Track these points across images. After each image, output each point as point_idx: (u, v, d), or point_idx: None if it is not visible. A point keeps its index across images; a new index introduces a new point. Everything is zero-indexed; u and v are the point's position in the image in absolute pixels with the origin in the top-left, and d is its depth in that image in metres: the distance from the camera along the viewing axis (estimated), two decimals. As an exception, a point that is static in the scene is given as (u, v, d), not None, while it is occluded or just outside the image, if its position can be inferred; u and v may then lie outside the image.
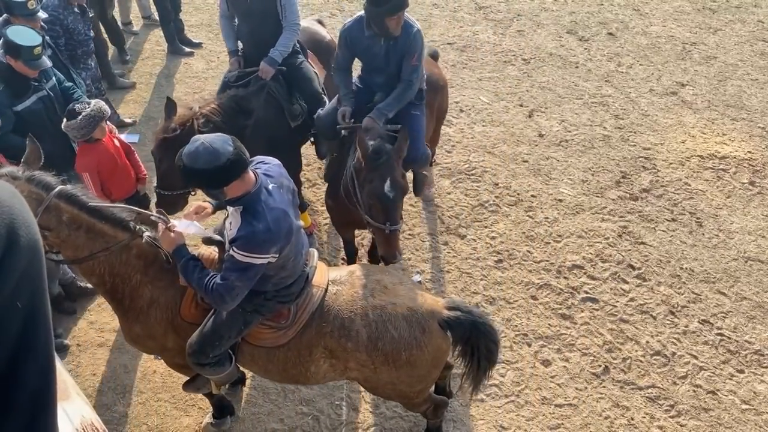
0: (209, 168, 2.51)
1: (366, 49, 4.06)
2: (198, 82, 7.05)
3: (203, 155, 2.51)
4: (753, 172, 5.93)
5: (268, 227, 2.62)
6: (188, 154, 2.54)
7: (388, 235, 3.52)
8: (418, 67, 4.00)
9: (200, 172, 2.52)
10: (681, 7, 8.62)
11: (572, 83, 7.08)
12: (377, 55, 4.04)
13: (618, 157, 6.05)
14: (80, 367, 4.22)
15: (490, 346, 3.12)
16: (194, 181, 2.70)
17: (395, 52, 4.00)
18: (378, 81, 4.20)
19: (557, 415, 3.99)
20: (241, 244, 2.64)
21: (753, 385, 4.19)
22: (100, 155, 4.07)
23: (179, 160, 2.58)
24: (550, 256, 5.04)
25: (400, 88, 4.01)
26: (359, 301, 3.04)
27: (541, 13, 8.41)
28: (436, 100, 4.72)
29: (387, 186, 3.40)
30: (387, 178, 3.41)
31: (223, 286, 2.71)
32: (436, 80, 4.74)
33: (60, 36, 5.09)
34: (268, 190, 2.70)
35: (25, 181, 2.74)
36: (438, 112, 4.87)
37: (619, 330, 4.50)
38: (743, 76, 7.27)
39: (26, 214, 0.86)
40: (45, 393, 0.90)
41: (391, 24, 3.85)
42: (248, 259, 2.65)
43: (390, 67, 4.07)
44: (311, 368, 3.11)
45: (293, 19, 4.57)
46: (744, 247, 5.17)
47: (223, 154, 2.51)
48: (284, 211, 2.72)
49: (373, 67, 4.17)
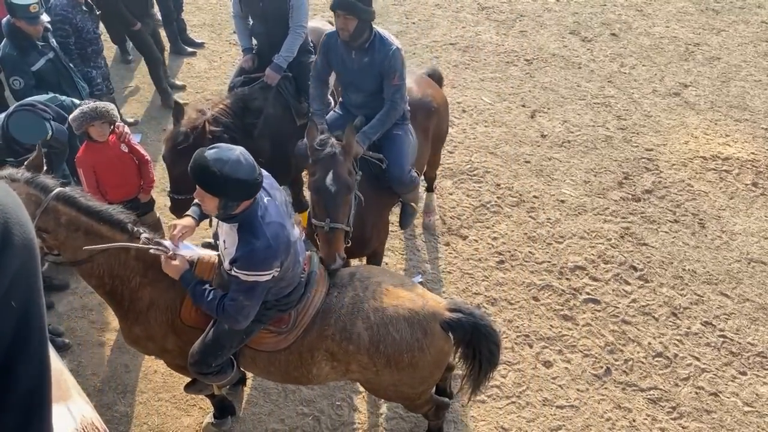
0: (249, 180, 2.52)
1: (341, 61, 3.94)
2: (200, 82, 7.05)
3: (245, 167, 2.52)
4: (756, 173, 5.91)
5: (269, 243, 2.61)
6: (229, 163, 2.48)
7: (327, 233, 3.26)
8: (401, 87, 3.85)
9: (240, 182, 2.50)
10: (684, 7, 8.59)
11: (575, 84, 7.07)
12: (350, 69, 3.92)
13: (620, 158, 6.03)
14: (81, 367, 4.22)
15: (492, 348, 3.12)
16: (227, 189, 2.53)
17: (370, 70, 3.85)
18: (356, 100, 4.07)
19: (558, 417, 3.98)
20: (243, 264, 2.63)
21: (755, 387, 4.17)
22: (98, 156, 4.10)
23: (211, 165, 2.47)
24: (552, 257, 5.03)
25: (383, 110, 3.87)
26: (360, 304, 3.03)
27: (544, 14, 8.40)
28: (430, 123, 4.42)
29: (329, 179, 3.22)
30: (330, 170, 3.23)
31: (233, 307, 2.73)
32: (428, 102, 4.39)
33: (70, 35, 5.10)
34: (264, 205, 2.69)
35: (24, 183, 2.75)
36: (435, 137, 4.55)
37: (620, 331, 4.49)
38: (747, 77, 7.25)
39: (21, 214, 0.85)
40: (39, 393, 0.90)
41: (338, 22, 3.73)
42: (253, 278, 2.65)
43: (365, 85, 3.94)
44: (313, 370, 3.11)
45: (299, 21, 4.53)
46: (747, 249, 5.15)
47: (255, 169, 2.56)
48: (281, 225, 2.71)
49: (347, 82, 4.04)
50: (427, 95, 4.45)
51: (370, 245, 3.93)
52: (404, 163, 3.94)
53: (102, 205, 2.96)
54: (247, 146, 4.25)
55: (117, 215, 2.95)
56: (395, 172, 3.91)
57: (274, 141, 4.46)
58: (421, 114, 4.32)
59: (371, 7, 3.72)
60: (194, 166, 2.55)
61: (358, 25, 3.69)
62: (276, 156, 4.44)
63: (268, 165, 4.47)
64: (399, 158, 3.93)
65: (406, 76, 4.01)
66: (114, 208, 3.00)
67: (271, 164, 4.47)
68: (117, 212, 2.97)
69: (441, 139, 4.80)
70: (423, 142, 4.33)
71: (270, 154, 4.45)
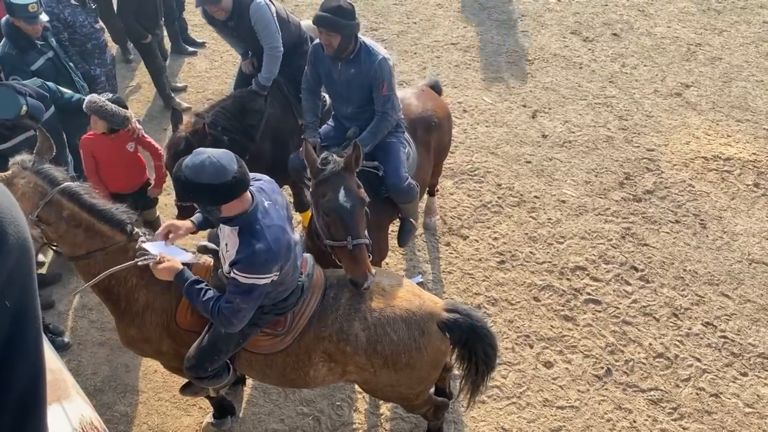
0: (214, 183, 2.44)
1: (327, 72, 3.89)
2: (201, 81, 7.06)
3: (209, 169, 2.44)
4: (758, 173, 5.90)
5: (269, 246, 2.58)
6: (192, 167, 2.45)
7: (351, 251, 3.10)
8: (390, 97, 3.79)
9: (203, 186, 2.45)
10: (686, 7, 8.58)
11: (576, 84, 7.06)
12: (337, 81, 3.87)
13: (621, 159, 6.02)
14: (81, 366, 4.22)
15: (488, 351, 3.10)
16: (193, 195, 2.54)
17: (357, 81, 3.79)
18: (346, 111, 4.01)
19: (559, 417, 3.97)
20: (242, 266, 2.60)
21: (757, 388, 4.16)
22: (99, 145, 4.21)
23: (179, 171, 2.48)
24: (552, 257, 5.02)
25: (374, 121, 3.83)
26: (358, 304, 3.02)
27: (546, 14, 8.39)
28: (431, 137, 4.35)
29: (341, 196, 3.09)
30: (340, 187, 3.10)
31: (228, 309, 2.69)
32: (428, 117, 4.32)
33: (61, 31, 5.02)
34: (264, 208, 2.66)
35: (33, 173, 2.77)
36: (436, 150, 4.47)
37: (621, 332, 4.48)
38: (748, 78, 7.23)
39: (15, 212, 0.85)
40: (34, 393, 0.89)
41: (322, 38, 3.69)
42: (251, 281, 2.62)
43: (354, 96, 3.88)
44: (310, 372, 3.09)
45: (270, 42, 4.45)
46: (748, 249, 5.14)
47: (230, 171, 2.46)
48: (282, 228, 2.69)
49: (335, 93, 4.00)
50: (427, 109, 4.37)
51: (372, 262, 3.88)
52: (401, 170, 3.88)
53: (105, 203, 2.96)
54: (249, 148, 4.26)
55: (118, 215, 2.95)
56: (392, 180, 3.86)
57: (276, 141, 4.44)
58: (422, 129, 4.27)
59: (354, 20, 3.66)
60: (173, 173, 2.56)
61: (341, 40, 3.64)
62: (278, 156, 4.42)
63: (270, 165, 4.48)
64: (395, 166, 3.87)
65: (408, 88, 3.95)
66: (116, 207, 3.00)
67: (274, 164, 4.47)
68: (119, 212, 2.97)
69: (443, 152, 4.73)
70: (425, 156, 4.28)
71: (271, 154, 4.44)
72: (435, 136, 4.40)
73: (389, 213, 4.09)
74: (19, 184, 2.75)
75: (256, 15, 4.37)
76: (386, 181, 3.87)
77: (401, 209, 4.12)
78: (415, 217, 4.30)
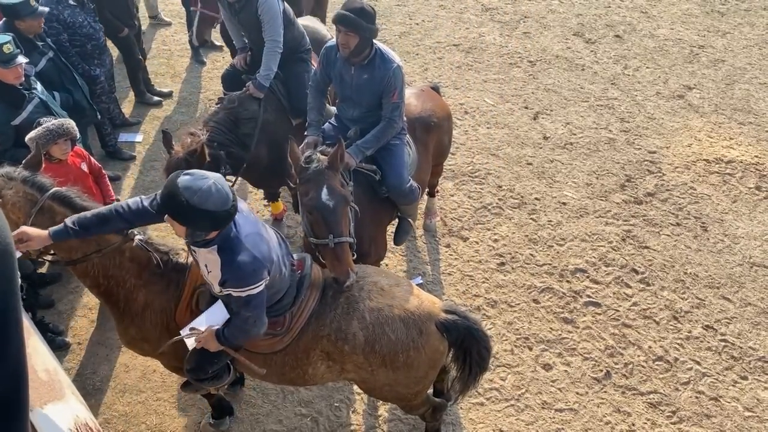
0: (218, 211, 2.41)
1: (339, 75, 3.87)
2: (203, 81, 7.06)
3: (215, 196, 2.40)
4: (760, 176, 5.88)
5: (252, 256, 2.58)
6: (200, 194, 2.37)
7: (333, 249, 3.12)
8: (399, 105, 3.78)
9: (207, 213, 2.40)
10: (689, 9, 8.55)
11: (578, 86, 7.04)
12: (349, 85, 3.84)
13: (623, 161, 6.01)
14: (80, 366, 4.23)
15: (482, 353, 3.15)
16: (192, 220, 2.44)
17: (369, 86, 3.76)
18: (352, 114, 3.99)
19: (557, 420, 3.96)
20: (233, 283, 2.61)
21: (756, 392, 4.15)
22: (57, 176, 3.95)
23: (180, 194, 2.38)
24: (552, 259, 5.01)
25: (380, 126, 3.81)
26: (356, 304, 3.03)
27: (548, 15, 8.37)
28: (430, 138, 4.36)
29: (324, 194, 3.11)
30: (323, 186, 3.13)
31: (240, 320, 2.76)
32: (427, 118, 4.31)
33: (61, 32, 5.00)
34: (234, 222, 2.62)
35: (20, 182, 2.76)
36: (435, 151, 4.48)
37: (621, 335, 4.46)
38: (751, 80, 7.21)
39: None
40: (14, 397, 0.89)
41: (339, 37, 3.65)
42: (247, 292, 2.64)
43: (363, 100, 3.87)
44: (309, 371, 3.11)
45: (272, 35, 4.40)
46: (749, 253, 5.12)
47: (229, 199, 2.44)
48: (258, 234, 2.69)
49: (344, 96, 3.97)
50: (426, 110, 4.36)
51: (368, 261, 3.87)
52: (403, 172, 3.89)
53: (97, 205, 2.95)
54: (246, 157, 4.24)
55: None
56: (394, 182, 3.86)
57: (272, 145, 4.40)
58: (420, 129, 4.27)
59: (374, 24, 3.63)
60: (164, 190, 2.45)
61: (359, 42, 3.61)
62: (274, 159, 4.41)
63: (268, 170, 4.47)
64: (397, 168, 3.88)
65: (408, 89, 3.92)
66: None
67: (271, 169, 4.46)
68: None
69: (443, 153, 4.71)
70: (423, 156, 4.28)
71: (268, 159, 4.42)
72: (434, 137, 4.40)
73: (388, 212, 4.10)
74: (8, 195, 2.72)
75: (265, 5, 4.35)
76: (388, 182, 3.88)
77: (400, 209, 4.13)
78: (413, 217, 4.31)
